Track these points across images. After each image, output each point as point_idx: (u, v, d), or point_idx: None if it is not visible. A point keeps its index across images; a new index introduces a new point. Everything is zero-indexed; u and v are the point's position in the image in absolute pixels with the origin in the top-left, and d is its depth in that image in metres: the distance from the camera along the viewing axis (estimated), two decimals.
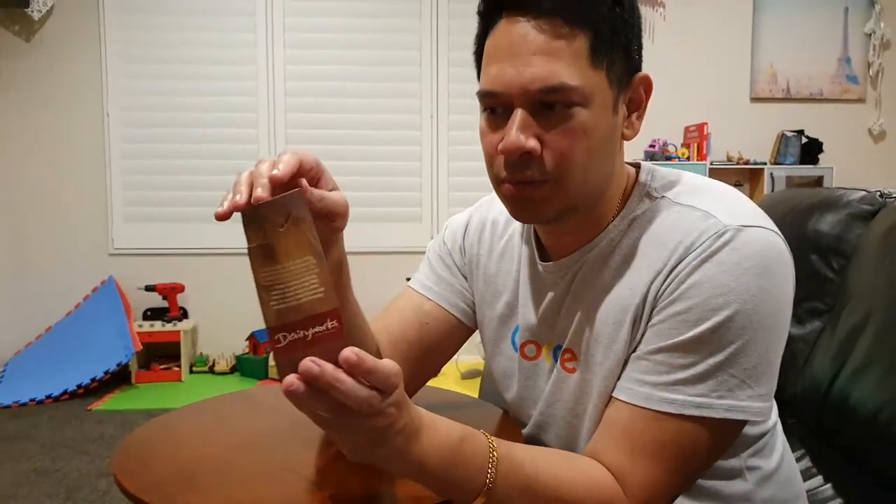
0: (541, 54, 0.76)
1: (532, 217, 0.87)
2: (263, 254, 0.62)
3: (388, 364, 0.61)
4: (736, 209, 0.81)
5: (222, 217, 0.64)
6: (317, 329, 0.61)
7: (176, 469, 0.90)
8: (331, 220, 0.75)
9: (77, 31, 4.22)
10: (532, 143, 0.78)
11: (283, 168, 0.67)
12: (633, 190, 0.89)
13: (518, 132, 0.78)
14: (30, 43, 4.20)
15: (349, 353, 0.59)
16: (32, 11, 4.09)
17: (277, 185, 0.65)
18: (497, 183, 0.85)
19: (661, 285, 0.80)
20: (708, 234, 0.78)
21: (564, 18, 0.76)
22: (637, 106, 0.86)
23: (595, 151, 0.80)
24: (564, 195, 0.81)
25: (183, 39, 4.27)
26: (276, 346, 0.61)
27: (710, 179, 0.90)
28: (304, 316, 0.61)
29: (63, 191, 4.29)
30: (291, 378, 0.58)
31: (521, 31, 0.78)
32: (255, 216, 0.63)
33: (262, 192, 0.63)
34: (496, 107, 0.81)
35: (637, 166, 0.92)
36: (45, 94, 4.24)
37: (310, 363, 0.58)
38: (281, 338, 0.60)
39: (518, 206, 0.85)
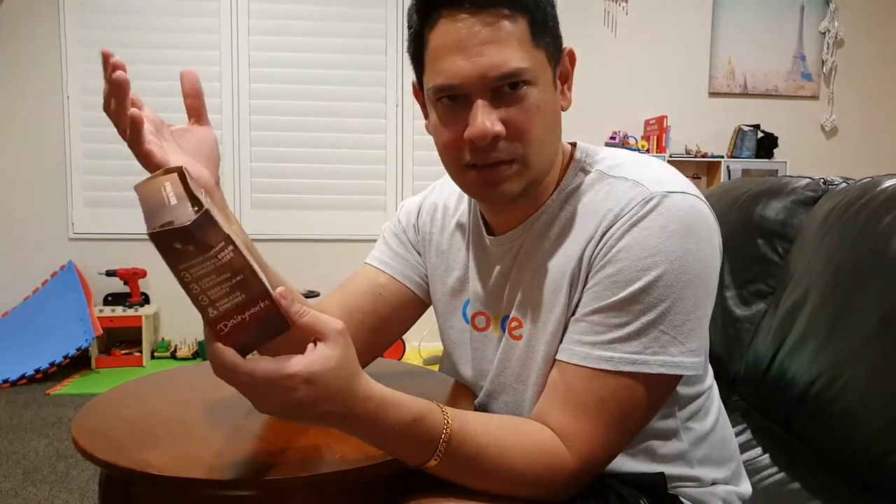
0: (490, 43, 0.81)
1: (501, 197, 0.90)
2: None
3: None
4: (662, 178, 0.86)
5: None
6: (252, 310, 0.67)
7: (134, 429, 0.92)
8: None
9: (36, 12, 4.14)
10: (499, 127, 0.83)
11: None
12: (570, 165, 0.94)
13: (485, 119, 0.82)
14: None
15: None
16: None
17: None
18: (461, 171, 0.89)
19: (594, 250, 0.85)
20: (636, 200, 0.84)
21: (505, 6, 0.81)
22: (565, 78, 0.91)
23: (548, 126, 0.87)
24: (529, 171, 0.87)
25: (145, 23, 4.22)
26: (221, 335, 0.66)
27: (640, 154, 0.95)
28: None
29: (22, 175, 4.22)
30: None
31: (465, 25, 0.81)
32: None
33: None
34: (455, 96, 0.85)
35: (574, 145, 0.97)
36: (3, 77, 4.17)
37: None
38: (223, 326, 0.66)
39: (487, 188, 0.89)
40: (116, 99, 0.81)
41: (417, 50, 0.88)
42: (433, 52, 0.85)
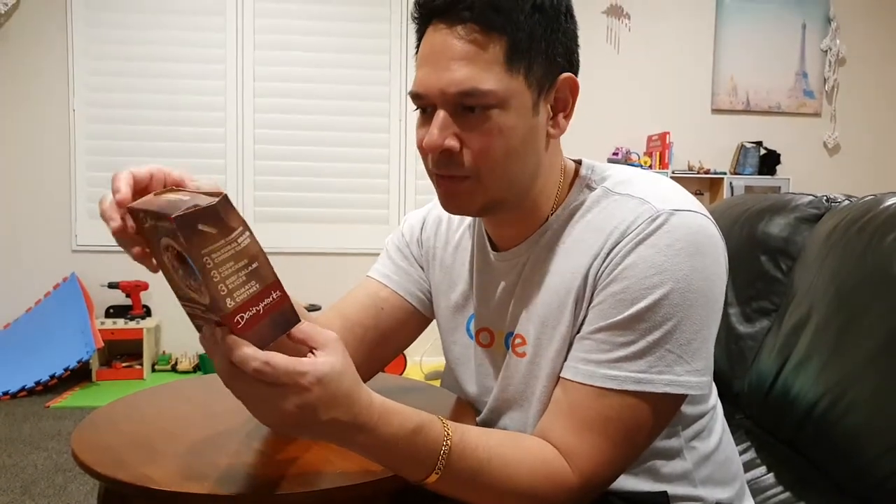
0: (458, 60, 0.82)
1: (458, 209, 0.92)
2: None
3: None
4: (669, 195, 0.86)
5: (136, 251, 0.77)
6: (266, 301, 0.67)
7: (134, 442, 0.91)
8: None
9: (43, 25, 4.17)
10: (450, 142, 0.84)
11: (124, 189, 0.77)
12: (574, 183, 0.94)
13: (438, 131, 0.83)
14: None
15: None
16: None
17: (122, 205, 0.76)
18: (430, 176, 0.91)
19: (600, 267, 0.85)
20: (642, 218, 0.83)
21: (481, 27, 0.81)
22: (563, 106, 0.90)
23: (513, 151, 0.85)
24: (484, 191, 0.87)
25: (151, 37, 4.24)
26: (237, 328, 0.65)
27: (646, 171, 0.95)
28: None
29: (27, 186, 4.23)
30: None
31: (442, 38, 0.83)
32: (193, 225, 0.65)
33: (115, 224, 0.75)
34: (425, 107, 0.87)
35: (579, 162, 0.97)
36: (11, 89, 4.19)
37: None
38: (239, 319, 0.66)
39: (445, 198, 0.91)
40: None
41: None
42: (418, 59, 0.88)
